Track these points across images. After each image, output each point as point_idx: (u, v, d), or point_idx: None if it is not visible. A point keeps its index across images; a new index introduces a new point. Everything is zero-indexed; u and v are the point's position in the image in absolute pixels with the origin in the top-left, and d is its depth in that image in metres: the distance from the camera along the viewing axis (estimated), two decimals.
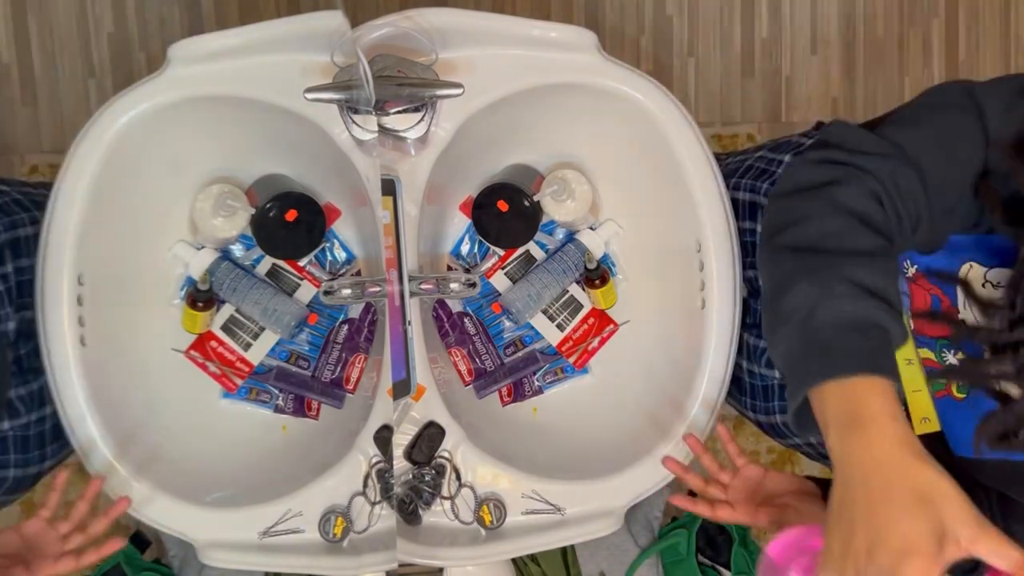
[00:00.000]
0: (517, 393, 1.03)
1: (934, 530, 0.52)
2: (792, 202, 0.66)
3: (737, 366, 1.00)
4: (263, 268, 1.00)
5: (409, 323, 0.90)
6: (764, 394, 0.97)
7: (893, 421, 0.56)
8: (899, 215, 0.64)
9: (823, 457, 0.98)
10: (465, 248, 1.04)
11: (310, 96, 0.81)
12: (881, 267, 0.61)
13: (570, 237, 1.04)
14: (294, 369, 1.00)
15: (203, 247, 0.97)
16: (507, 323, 1.04)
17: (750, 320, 0.96)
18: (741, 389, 1.00)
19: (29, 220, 0.90)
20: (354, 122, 0.86)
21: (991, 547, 0.51)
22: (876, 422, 0.56)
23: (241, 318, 0.99)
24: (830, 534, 0.56)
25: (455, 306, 1.03)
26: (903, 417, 0.56)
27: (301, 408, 1.00)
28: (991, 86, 0.64)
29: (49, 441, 0.91)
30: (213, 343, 0.99)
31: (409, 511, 0.89)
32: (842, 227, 0.62)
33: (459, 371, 1.03)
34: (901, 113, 0.69)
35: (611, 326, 1.04)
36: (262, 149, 0.98)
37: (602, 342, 1.04)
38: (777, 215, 0.67)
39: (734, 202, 0.96)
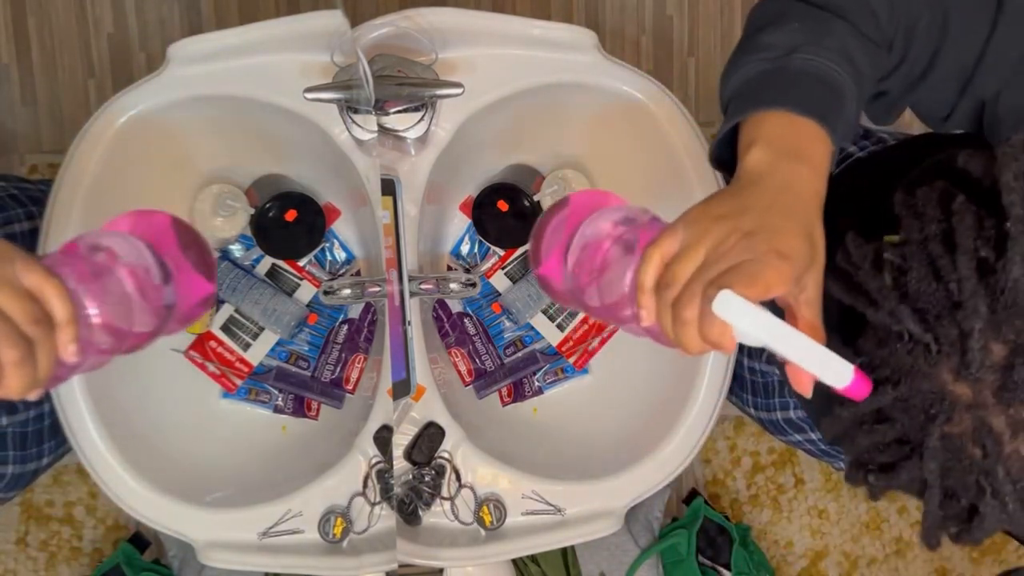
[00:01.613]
0: (517, 393, 1.03)
1: (806, 265, 0.52)
2: None
3: (739, 364, 1.00)
4: (263, 268, 1.00)
5: (409, 323, 0.90)
6: (765, 391, 0.97)
7: (822, 176, 0.56)
8: (894, 39, 0.63)
9: (824, 454, 0.98)
10: (465, 248, 1.04)
11: (310, 96, 0.80)
12: (871, 52, 0.61)
13: None
14: (294, 369, 1.00)
15: None
16: (507, 323, 1.04)
17: None
18: (743, 386, 1.00)
19: (25, 215, 0.90)
20: (354, 122, 0.86)
21: (814, 318, 0.53)
22: (812, 167, 0.55)
23: (240, 318, 0.99)
24: (714, 201, 0.54)
25: (455, 306, 1.03)
26: (826, 178, 0.56)
27: (301, 408, 1.00)
28: None
29: (48, 437, 0.91)
30: (212, 343, 0.98)
31: (409, 511, 0.89)
32: (852, 3, 0.62)
33: (459, 371, 1.03)
34: None
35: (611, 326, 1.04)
36: (262, 149, 0.98)
37: (602, 342, 1.04)
38: None
39: None
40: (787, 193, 0.54)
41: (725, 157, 0.63)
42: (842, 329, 0.57)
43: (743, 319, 0.49)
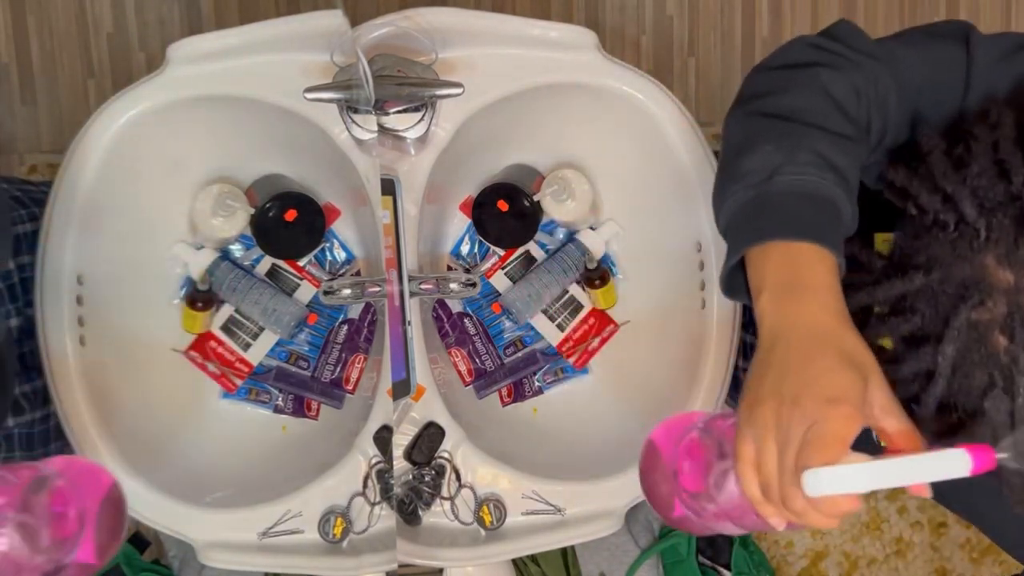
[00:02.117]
0: (517, 393, 1.03)
1: (861, 388, 0.53)
2: (775, 74, 0.66)
3: (738, 367, 1.00)
4: (263, 268, 1.00)
5: (409, 323, 0.90)
6: None
7: (832, 292, 0.57)
8: (869, 120, 0.64)
9: None
10: (465, 248, 1.04)
11: (310, 96, 0.80)
12: (848, 148, 0.62)
13: (570, 237, 1.03)
14: (294, 369, 1.00)
15: (202, 247, 0.97)
16: (507, 323, 1.04)
17: (748, 320, 0.96)
18: (740, 391, 1.00)
19: (28, 217, 0.90)
20: (354, 122, 0.86)
21: (899, 423, 0.53)
22: (818, 291, 0.56)
23: (240, 318, 0.99)
24: (753, 385, 0.55)
25: (455, 306, 1.03)
26: (840, 290, 0.57)
27: (301, 408, 1.00)
28: (992, 36, 0.65)
29: (53, 438, 0.91)
30: (212, 343, 0.98)
31: (409, 511, 0.89)
32: (818, 106, 0.63)
33: (459, 371, 1.03)
34: (904, 33, 0.69)
35: (611, 326, 1.04)
36: (262, 149, 0.98)
37: (602, 342, 1.04)
38: (757, 84, 0.67)
39: None
40: (806, 336, 0.55)
41: (737, 285, 0.63)
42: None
43: (839, 485, 0.49)
